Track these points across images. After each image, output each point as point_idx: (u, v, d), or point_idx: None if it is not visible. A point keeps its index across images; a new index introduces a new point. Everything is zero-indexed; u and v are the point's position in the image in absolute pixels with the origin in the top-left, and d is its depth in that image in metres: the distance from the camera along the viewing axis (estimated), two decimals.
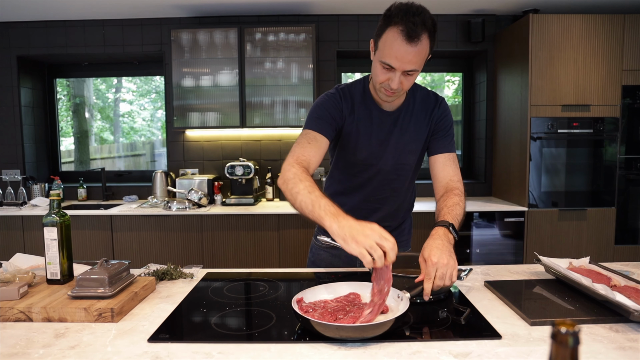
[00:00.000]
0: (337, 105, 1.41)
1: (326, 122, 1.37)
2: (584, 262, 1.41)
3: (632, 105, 3.11)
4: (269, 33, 3.34)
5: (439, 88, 4.22)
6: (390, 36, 1.21)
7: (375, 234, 0.99)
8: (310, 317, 0.98)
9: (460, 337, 0.99)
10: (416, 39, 1.19)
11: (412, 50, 1.20)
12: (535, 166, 3.12)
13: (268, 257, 3.15)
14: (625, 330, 1.01)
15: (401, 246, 1.64)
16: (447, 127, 1.47)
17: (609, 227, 3.15)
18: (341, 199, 1.54)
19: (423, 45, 1.21)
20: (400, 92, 1.32)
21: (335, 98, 1.42)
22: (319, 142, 1.35)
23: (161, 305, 1.21)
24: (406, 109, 1.44)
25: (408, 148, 1.45)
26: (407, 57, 1.21)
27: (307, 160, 1.29)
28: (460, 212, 1.32)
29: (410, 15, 1.18)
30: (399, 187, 1.52)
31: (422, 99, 1.47)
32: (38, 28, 3.63)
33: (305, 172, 1.23)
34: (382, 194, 1.51)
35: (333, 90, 1.45)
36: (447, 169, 1.44)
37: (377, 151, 1.44)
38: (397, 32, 1.19)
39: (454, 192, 1.37)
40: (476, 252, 3.19)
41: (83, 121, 4.23)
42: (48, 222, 1.25)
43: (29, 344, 0.97)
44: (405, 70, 1.24)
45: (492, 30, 3.60)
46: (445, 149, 1.45)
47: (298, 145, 1.34)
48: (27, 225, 3.17)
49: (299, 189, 1.16)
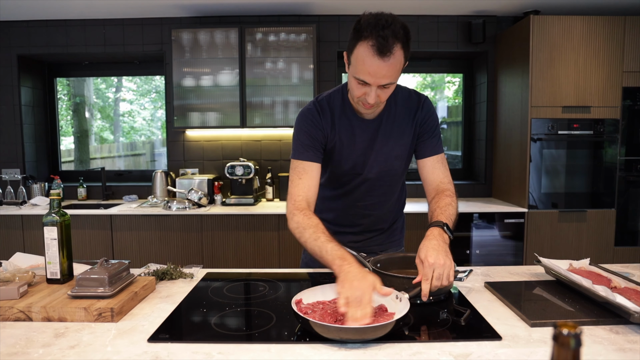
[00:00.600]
0: (318, 124, 1.40)
1: (311, 148, 1.38)
2: (584, 264, 1.41)
3: (632, 107, 3.11)
4: (269, 33, 3.34)
5: (439, 89, 4.23)
6: (361, 52, 1.18)
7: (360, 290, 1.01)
8: (310, 318, 0.98)
9: (461, 338, 0.99)
10: (388, 53, 1.15)
11: (385, 65, 1.17)
12: (535, 167, 3.12)
13: (268, 257, 3.14)
14: (626, 332, 1.01)
15: (394, 245, 1.64)
16: (432, 128, 1.45)
17: (609, 229, 3.15)
18: (330, 204, 1.55)
19: (396, 57, 1.17)
20: (378, 104, 1.30)
21: (314, 116, 1.40)
22: (309, 172, 1.37)
23: (161, 305, 1.21)
24: (387, 114, 1.41)
25: (393, 154, 1.43)
26: (381, 72, 1.18)
27: (303, 198, 1.34)
28: (453, 212, 1.32)
29: (380, 29, 1.14)
30: (387, 192, 1.51)
31: (403, 102, 1.43)
32: (38, 27, 3.63)
33: (305, 216, 1.28)
34: (370, 200, 1.50)
35: (311, 106, 1.43)
36: (437, 171, 1.43)
37: (361, 161, 1.43)
38: (368, 48, 1.16)
39: (445, 194, 1.37)
40: (476, 253, 3.19)
41: (83, 120, 4.23)
42: (48, 222, 1.25)
43: (29, 344, 0.97)
44: (380, 84, 1.21)
45: (493, 32, 3.60)
46: (433, 151, 1.44)
47: (291, 183, 1.38)
48: (27, 225, 3.16)
49: (305, 239, 1.25)
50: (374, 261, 1.36)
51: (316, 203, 1.54)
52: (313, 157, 1.38)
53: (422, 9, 3.44)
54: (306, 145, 1.38)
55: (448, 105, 4.18)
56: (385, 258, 1.40)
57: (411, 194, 3.61)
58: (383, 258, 1.40)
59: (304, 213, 1.29)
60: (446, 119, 4.15)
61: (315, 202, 1.38)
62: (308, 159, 1.37)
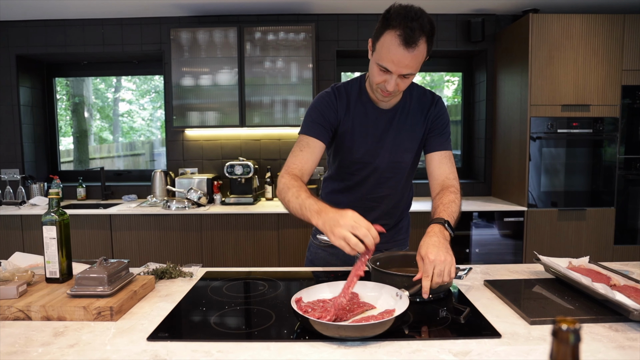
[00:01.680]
0: (332, 106, 1.42)
1: (320, 126, 1.40)
2: (584, 262, 1.41)
3: (631, 105, 3.11)
4: (268, 32, 3.34)
5: (438, 88, 4.22)
6: (387, 40, 1.21)
7: (348, 223, 1.04)
8: (309, 316, 0.98)
9: (460, 336, 0.99)
10: (414, 45, 1.19)
11: (409, 55, 1.21)
12: (534, 166, 3.12)
13: (267, 256, 3.14)
14: (625, 330, 1.01)
15: (399, 245, 1.65)
16: (443, 125, 1.47)
17: (608, 227, 3.15)
18: (338, 197, 1.56)
19: (420, 50, 1.22)
20: (396, 93, 1.34)
21: (330, 98, 1.43)
22: (312, 147, 1.38)
23: (160, 304, 1.20)
24: (402, 107, 1.45)
25: (404, 146, 1.46)
26: (404, 62, 1.22)
27: (298, 168, 1.35)
28: (456, 210, 1.32)
29: (408, 20, 1.18)
30: (395, 185, 1.52)
31: (418, 98, 1.47)
32: (37, 27, 3.62)
33: (294, 179, 1.28)
34: (378, 192, 1.51)
35: (329, 89, 1.47)
36: (443, 166, 1.44)
37: (373, 149, 1.45)
38: (395, 37, 1.19)
39: (450, 190, 1.38)
40: (475, 252, 3.19)
41: (82, 121, 4.22)
42: (47, 221, 1.25)
43: (28, 343, 0.97)
44: (401, 74, 1.25)
45: (492, 30, 3.60)
46: (441, 146, 1.46)
47: (292, 154, 1.40)
48: (26, 225, 3.16)
49: (289, 197, 1.24)
50: (373, 259, 1.36)
51: (322, 198, 1.56)
52: (319, 134, 1.39)
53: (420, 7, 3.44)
54: (316, 122, 1.40)
55: (447, 104, 4.18)
56: (384, 256, 1.40)
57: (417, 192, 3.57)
58: (382, 256, 1.40)
59: (293, 177, 1.30)
60: None
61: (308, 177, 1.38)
62: (314, 135, 1.39)
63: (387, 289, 1.15)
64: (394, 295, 1.10)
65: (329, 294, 1.15)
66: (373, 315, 1.03)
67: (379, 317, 1.01)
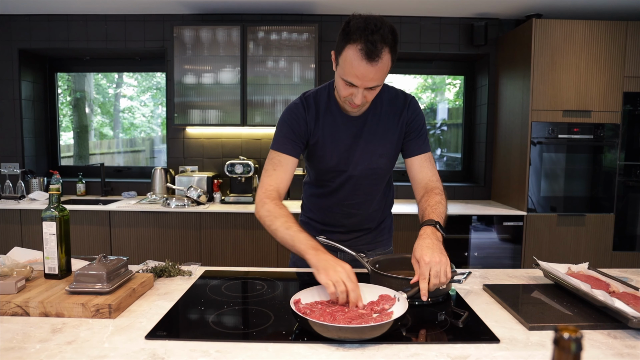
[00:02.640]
0: (302, 118, 1.41)
1: (291, 141, 1.39)
2: (583, 268, 1.41)
3: (632, 112, 3.11)
4: (271, 32, 3.34)
5: (439, 91, 4.23)
6: (350, 55, 1.19)
7: (343, 273, 1.08)
8: (309, 317, 0.98)
9: (459, 340, 0.99)
10: (377, 58, 1.17)
11: (372, 69, 1.18)
12: (534, 171, 3.12)
13: (266, 256, 3.14)
14: (624, 337, 1.01)
15: (381, 245, 1.64)
16: (419, 127, 1.45)
17: (607, 233, 3.15)
18: (319, 202, 1.56)
19: (384, 61, 1.19)
20: (365, 104, 1.32)
21: (298, 110, 1.41)
22: (284, 164, 1.39)
23: (159, 302, 1.20)
24: (373, 112, 1.42)
25: (378, 152, 1.43)
26: (369, 76, 1.20)
27: (275, 188, 1.36)
28: (444, 210, 1.33)
29: (369, 33, 1.15)
30: (373, 190, 1.51)
31: (390, 101, 1.44)
32: (40, 21, 3.62)
33: (276, 206, 1.31)
34: (355, 198, 1.50)
35: (297, 100, 1.45)
36: (425, 170, 1.44)
37: (345, 157, 1.43)
38: (357, 51, 1.17)
39: (435, 192, 1.38)
40: (474, 256, 3.19)
41: (83, 116, 4.22)
42: (47, 217, 1.25)
43: (26, 339, 0.97)
44: (367, 87, 1.23)
45: (495, 34, 3.60)
46: (420, 150, 1.45)
47: (265, 173, 1.40)
48: (25, 219, 3.16)
49: (276, 226, 1.27)
50: (372, 262, 1.36)
51: (303, 202, 1.60)
52: (291, 150, 1.39)
53: (424, 11, 3.44)
54: (287, 137, 1.40)
55: (448, 107, 4.18)
56: (383, 259, 1.40)
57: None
58: (382, 259, 1.40)
59: (275, 202, 1.32)
60: (446, 121, 4.14)
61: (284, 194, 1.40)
62: (285, 152, 1.39)
63: (385, 291, 1.15)
64: (392, 297, 1.10)
65: (327, 296, 1.15)
66: (372, 317, 1.03)
67: (378, 319, 1.01)
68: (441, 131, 4.15)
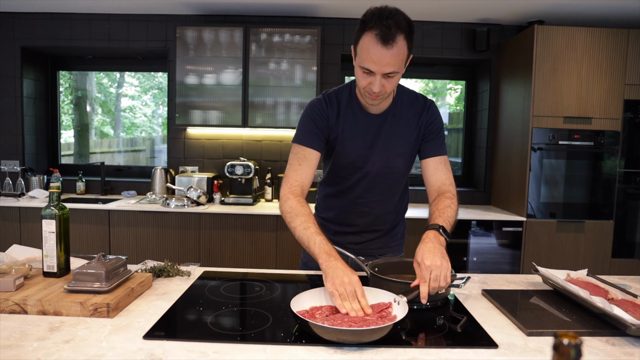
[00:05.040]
0: (324, 114, 1.44)
1: (314, 135, 1.43)
2: (582, 274, 1.41)
3: (633, 119, 3.12)
4: (274, 34, 3.34)
5: (440, 95, 4.23)
6: (366, 41, 1.23)
7: (351, 285, 1.09)
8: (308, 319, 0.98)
9: (457, 345, 0.99)
10: (391, 42, 1.20)
11: (388, 53, 1.22)
12: (534, 177, 3.12)
13: (265, 257, 3.14)
14: (622, 344, 1.01)
15: (394, 251, 1.64)
16: (437, 130, 1.48)
17: (606, 240, 3.15)
18: (331, 202, 1.57)
19: (399, 46, 1.22)
20: (384, 95, 1.34)
21: (321, 105, 1.45)
22: (309, 159, 1.42)
23: (157, 302, 1.20)
24: (393, 112, 1.45)
25: (396, 151, 1.46)
26: (385, 60, 1.23)
27: (299, 184, 1.40)
28: (452, 215, 1.33)
29: (383, 19, 1.20)
30: (388, 190, 1.52)
31: (410, 102, 1.47)
32: (43, 20, 3.62)
33: (299, 203, 1.34)
34: (370, 197, 1.51)
35: (320, 97, 1.48)
36: (439, 172, 1.45)
37: (364, 154, 1.45)
38: (372, 37, 1.21)
39: (446, 196, 1.39)
40: (473, 260, 3.19)
41: (84, 114, 4.22)
42: (47, 215, 1.25)
43: (23, 337, 0.97)
44: (384, 72, 1.25)
45: (497, 40, 3.61)
46: (436, 152, 1.46)
47: (291, 167, 1.43)
48: (24, 217, 3.16)
49: (295, 225, 1.30)
50: (371, 265, 1.36)
51: (317, 202, 1.60)
52: (314, 144, 1.42)
53: (427, 15, 3.45)
54: (310, 132, 1.43)
55: (449, 112, 4.19)
56: (383, 262, 1.40)
57: (413, 199, 3.59)
58: (381, 262, 1.39)
59: (298, 200, 1.34)
60: (447, 126, 4.15)
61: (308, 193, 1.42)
62: (310, 145, 1.42)
63: (385, 295, 1.15)
64: (392, 301, 1.10)
65: (328, 298, 1.14)
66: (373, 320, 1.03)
67: (379, 322, 1.01)
68: None
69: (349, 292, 1.07)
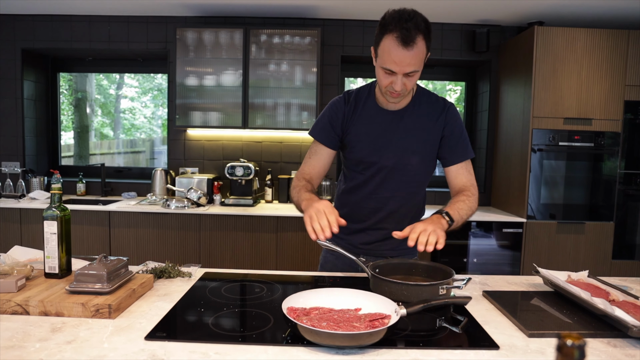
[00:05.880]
0: (340, 110, 1.52)
1: (327, 132, 1.53)
2: (583, 276, 1.41)
3: (633, 120, 3.12)
4: (274, 35, 3.35)
5: None
6: (387, 43, 1.29)
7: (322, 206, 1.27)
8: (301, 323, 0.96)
9: (458, 346, 0.99)
10: (412, 43, 1.27)
11: (409, 54, 1.28)
12: (534, 178, 3.13)
13: (265, 258, 3.14)
14: (624, 346, 1.01)
15: (408, 253, 1.62)
16: (457, 133, 1.50)
17: (606, 242, 3.15)
18: (347, 198, 1.61)
19: (419, 47, 1.28)
20: (405, 93, 1.39)
21: (339, 102, 1.54)
22: (319, 153, 1.55)
23: (159, 304, 1.20)
24: (411, 110, 1.49)
25: (411, 148, 1.48)
26: (406, 61, 1.29)
27: (308, 173, 1.54)
28: (464, 207, 1.39)
29: (403, 22, 1.26)
30: (402, 187, 1.53)
31: (429, 103, 1.51)
32: (43, 21, 3.63)
33: (302, 182, 1.49)
34: (382, 193, 1.53)
35: (341, 95, 1.56)
36: (460, 177, 1.51)
37: (378, 149, 1.49)
38: (393, 39, 1.27)
39: (464, 193, 1.46)
40: (473, 262, 3.19)
41: (84, 116, 4.22)
42: (48, 216, 1.25)
43: (25, 338, 0.97)
44: (405, 72, 1.31)
45: (497, 41, 3.61)
46: (458, 159, 1.50)
47: (304, 160, 1.60)
48: (25, 218, 3.16)
49: (293, 194, 1.49)
50: (372, 266, 1.36)
51: (334, 201, 1.68)
52: (325, 140, 1.54)
53: (426, 16, 3.45)
54: (324, 128, 1.54)
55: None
56: (384, 264, 1.40)
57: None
58: (382, 264, 1.39)
59: (300, 180, 1.51)
60: None
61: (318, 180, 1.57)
62: (321, 141, 1.54)
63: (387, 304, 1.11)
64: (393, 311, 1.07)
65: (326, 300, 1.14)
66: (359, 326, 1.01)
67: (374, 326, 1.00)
68: None
69: (318, 213, 1.24)
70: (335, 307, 1.12)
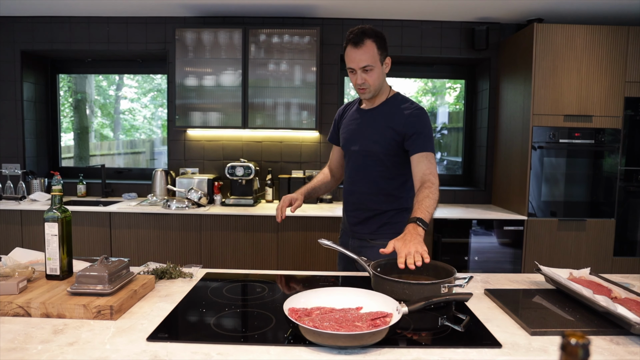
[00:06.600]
0: (339, 115, 1.95)
1: (334, 134, 1.96)
2: (585, 273, 1.41)
3: (634, 117, 3.11)
4: (273, 35, 3.34)
5: (440, 94, 4.23)
6: (346, 50, 1.65)
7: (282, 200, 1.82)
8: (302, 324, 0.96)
9: (460, 345, 0.99)
10: (360, 44, 1.60)
11: (359, 52, 1.61)
12: (535, 175, 3.12)
13: (266, 258, 3.14)
14: (626, 343, 1.01)
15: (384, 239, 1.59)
16: (418, 130, 1.65)
17: (608, 239, 3.15)
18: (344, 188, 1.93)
19: (368, 46, 1.60)
20: (369, 88, 1.66)
21: (339, 110, 1.96)
22: (334, 151, 2.00)
23: (160, 304, 1.20)
24: (381, 109, 1.75)
25: (373, 138, 1.73)
26: (357, 57, 1.61)
27: (328, 165, 2.03)
28: (430, 204, 1.49)
29: (354, 32, 1.62)
30: (368, 171, 1.75)
31: (397, 105, 1.72)
32: (43, 23, 3.62)
33: (320, 175, 2.01)
34: (354, 176, 1.80)
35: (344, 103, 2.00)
36: (420, 164, 1.62)
37: (353, 138, 1.79)
38: (348, 45, 1.63)
39: (425, 185, 1.55)
40: (474, 260, 3.19)
41: (84, 117, 4.22)
42: (49, 218, 1.25)
43: (27, 339, 0.97)
44: (360, 67, 1.62)
45: (496, 39, 3.61)
46: (418, 149, 1.64)
47: None
48: (26, 220, 3.15)
49: None
50: (374, 265, 1.36)
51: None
52: (333, 138, 1.97)
53: (425, 15, 3.45)
54: (332, 131, 1.97)
55: (449, 111, 4.19)
56: (385, 262, 1.40)
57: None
58: (383, 262, 1.40)
59: (320, 174, 2.02)
60: (447, 125, 4.15)
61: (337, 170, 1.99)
62: (332, 141, 1.98)
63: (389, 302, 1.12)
64: (394, 309, 1.07)
65: (326, 300, 1.14)
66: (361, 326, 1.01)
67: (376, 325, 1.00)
68: (441, 135, 4.15)
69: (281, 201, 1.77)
70: (337, 306, 1.13)
